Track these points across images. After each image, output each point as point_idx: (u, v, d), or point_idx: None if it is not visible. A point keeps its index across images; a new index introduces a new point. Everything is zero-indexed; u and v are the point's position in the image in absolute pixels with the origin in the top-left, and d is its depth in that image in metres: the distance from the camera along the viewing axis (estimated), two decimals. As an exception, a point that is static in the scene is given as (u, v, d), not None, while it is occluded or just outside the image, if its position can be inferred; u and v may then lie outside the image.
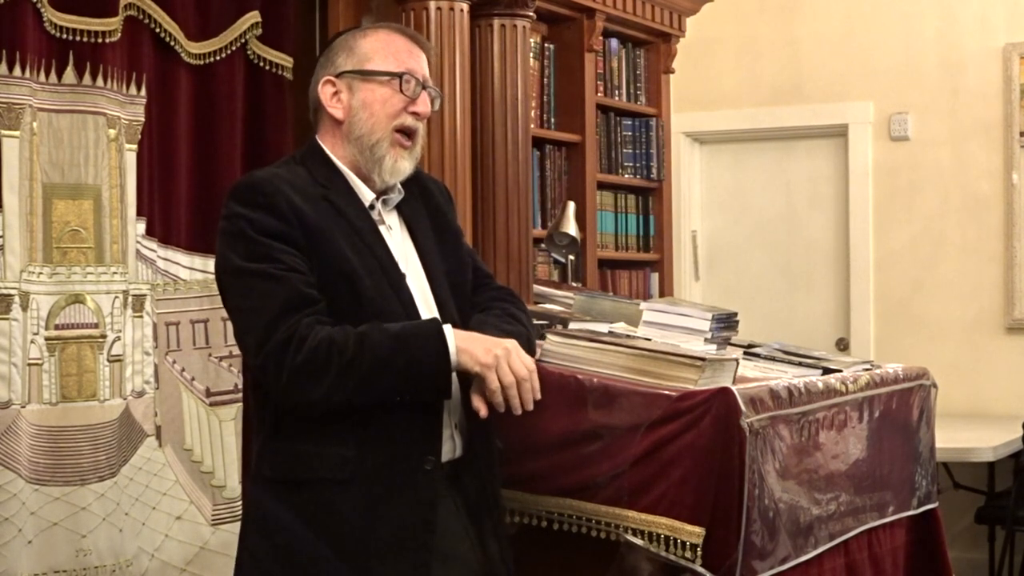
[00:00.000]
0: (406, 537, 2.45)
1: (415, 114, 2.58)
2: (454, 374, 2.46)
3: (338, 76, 2.59)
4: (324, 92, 2.59)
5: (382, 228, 2.59)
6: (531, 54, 4.96)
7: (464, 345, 2.44)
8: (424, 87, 2.59)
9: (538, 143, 5.15)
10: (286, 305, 2.40)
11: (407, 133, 2.59)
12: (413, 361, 2.41)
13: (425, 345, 2.42)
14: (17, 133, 3.57)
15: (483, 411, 2.47)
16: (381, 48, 2.59)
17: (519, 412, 2.47)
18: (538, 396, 2.50)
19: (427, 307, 2.57)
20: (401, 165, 2.59)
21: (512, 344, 2.49)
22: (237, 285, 2.47)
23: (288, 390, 2.41)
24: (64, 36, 3.65)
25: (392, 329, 2.42)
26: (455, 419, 2.54)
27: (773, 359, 3.26)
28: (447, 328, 2.45)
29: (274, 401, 2.47)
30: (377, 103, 2.57)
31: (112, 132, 3.76)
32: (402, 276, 2.55)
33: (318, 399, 2.40)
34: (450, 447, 2.54)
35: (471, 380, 2.48)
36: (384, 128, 2.57)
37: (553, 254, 5.08)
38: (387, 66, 2.57)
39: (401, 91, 2.57)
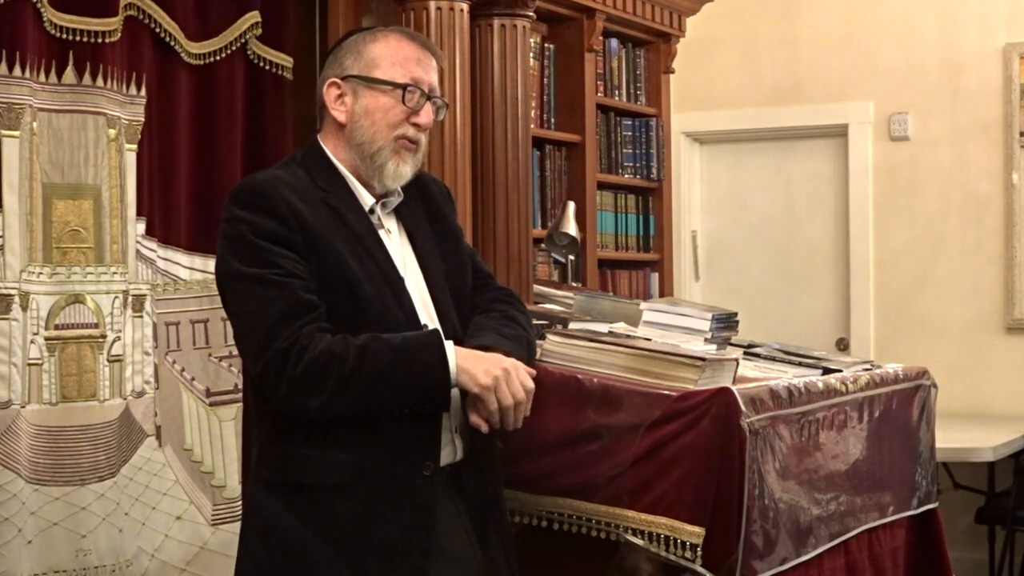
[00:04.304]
0: (404, 540, 2.45)
1: (416, 125, 2.57)
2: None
3: (344, 79, 2.57)
4: (329, 94, 2.58)
5: (381, 232, 2.58)
6: (531, 54, 4.96)
7: (465, 365, 2.43)
8: (430, 98, 2.57)
9: (538, 143, 5.15)
10: (285, 312, 2.39)
11: (409, 140, 2.58)
12: (413, 376, 2.41)
13: (425, 361, 2.41)
14: (17, 133, 3.57)
15: (483, 428, 2.48)
16: (389, 55, 2.56)
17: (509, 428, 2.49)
18: (527, 414, 2.50)
19: (426, 312, 2.56)
20: (403, 170, 2.57)
21: (512, 364, 2.48)
22: (237, 290, 2.47)
23: (287, 399, 2.41)
24: (64, 36, 3.64)
25: (393, 342, 2.42)
26: (455, 423, 2.54)
27: (773, 359, 3.26)
28: (448, 345, 2.44)
29: (273, 406, 2.47)
30: (379, 111, 2.55)
31: (112, 132, 3.76)
32: (401, 281, 2.54)
33: (316, 408, 2.40)
34: (450, 451, 2.54)
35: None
36: (385, 137, 2.55)
37: (553, 254, 5.08)
38: (393, 75, 2.55)
39: (404, 103, 2.55)
